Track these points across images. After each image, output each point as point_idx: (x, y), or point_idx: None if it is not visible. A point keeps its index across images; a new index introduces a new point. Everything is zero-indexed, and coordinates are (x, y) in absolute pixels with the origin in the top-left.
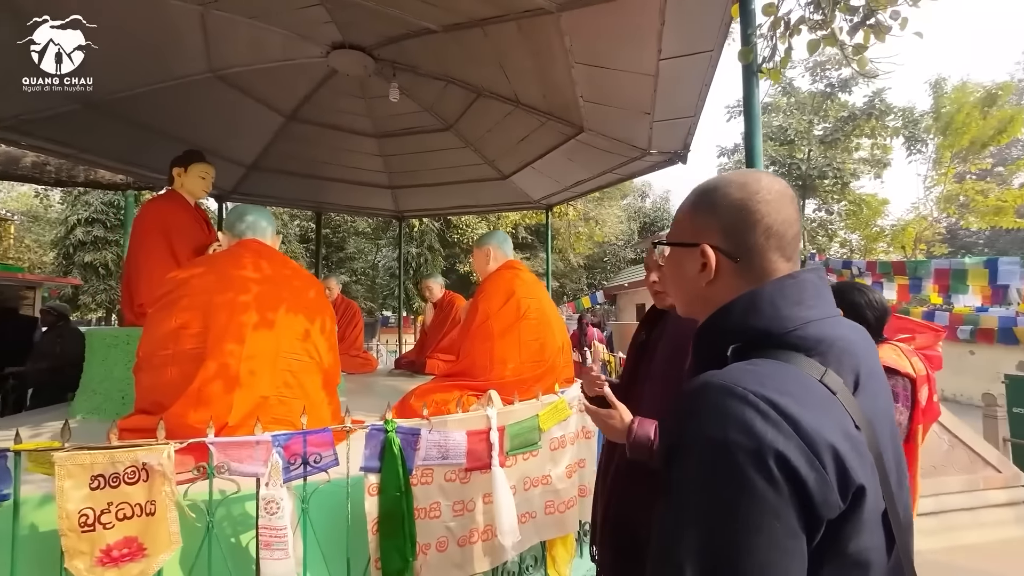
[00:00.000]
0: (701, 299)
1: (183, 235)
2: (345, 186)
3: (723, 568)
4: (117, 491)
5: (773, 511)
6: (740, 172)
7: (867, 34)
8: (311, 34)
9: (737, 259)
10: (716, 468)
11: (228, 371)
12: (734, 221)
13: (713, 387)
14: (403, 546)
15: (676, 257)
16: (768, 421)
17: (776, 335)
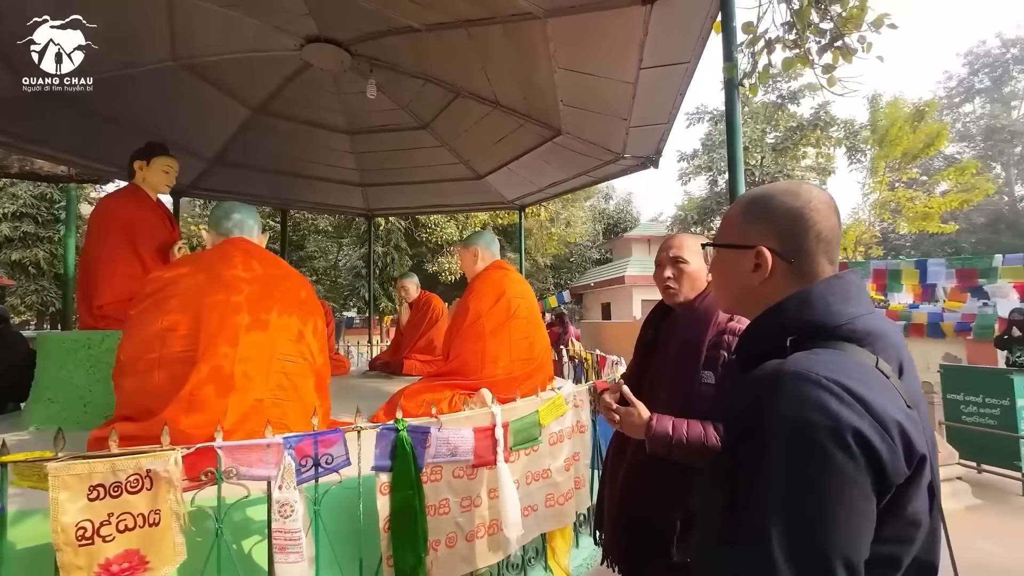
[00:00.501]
0: (751, 297)
1: (146, 232)
2: (314, 183)
3: (812, 535)
4: (118, 501)
5: (852, 481)
6: (791, 183)
7: (835, 55)
8: (286, 26)
9: (791, 261)
10: (800, 447)
11: (222, 374)
12: (790, 227)
13: (787, 374)
14: (416, 543)
15: (728, 258)
16: (842, 402)
17: (829, 328)
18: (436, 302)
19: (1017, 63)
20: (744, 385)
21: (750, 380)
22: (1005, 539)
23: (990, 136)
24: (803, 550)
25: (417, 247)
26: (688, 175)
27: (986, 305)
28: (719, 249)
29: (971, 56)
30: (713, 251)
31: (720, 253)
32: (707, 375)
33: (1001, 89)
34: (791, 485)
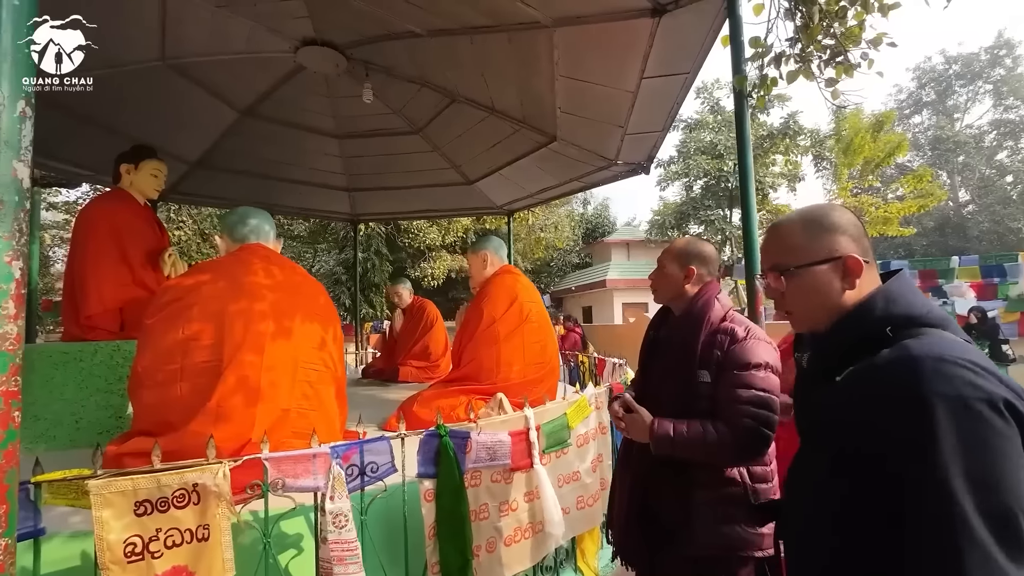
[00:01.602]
0: (835, 307)
1: (134, 238)
2: (299, 187)
3: (994, 489)
4: (166, 516)
5: (1011, 441)
6: (824, 204)
7: (839, 70)
8: (282, 28)
9: (867, 261)
10: (964, 416)
11: (248, 384)
12: (857, 232)
13: (923, 358)
14: (463, 547)
15: (814, 278)
16: (983, 376)
17: (916, 318)
18: (430, 307)
19: (958, 78)
20: (873, 378)
21: (878, 373)
22: None
23: (937, 146)
24: (991, 503)
25: (397, 252)
26: (665, 181)
27: (945, 304)
28: (798, 274)
29: (918, 71)
30: (783, 279)
31: (801, 277)
32: (703, 374)
33: (945, 102)
34: (967, 449)
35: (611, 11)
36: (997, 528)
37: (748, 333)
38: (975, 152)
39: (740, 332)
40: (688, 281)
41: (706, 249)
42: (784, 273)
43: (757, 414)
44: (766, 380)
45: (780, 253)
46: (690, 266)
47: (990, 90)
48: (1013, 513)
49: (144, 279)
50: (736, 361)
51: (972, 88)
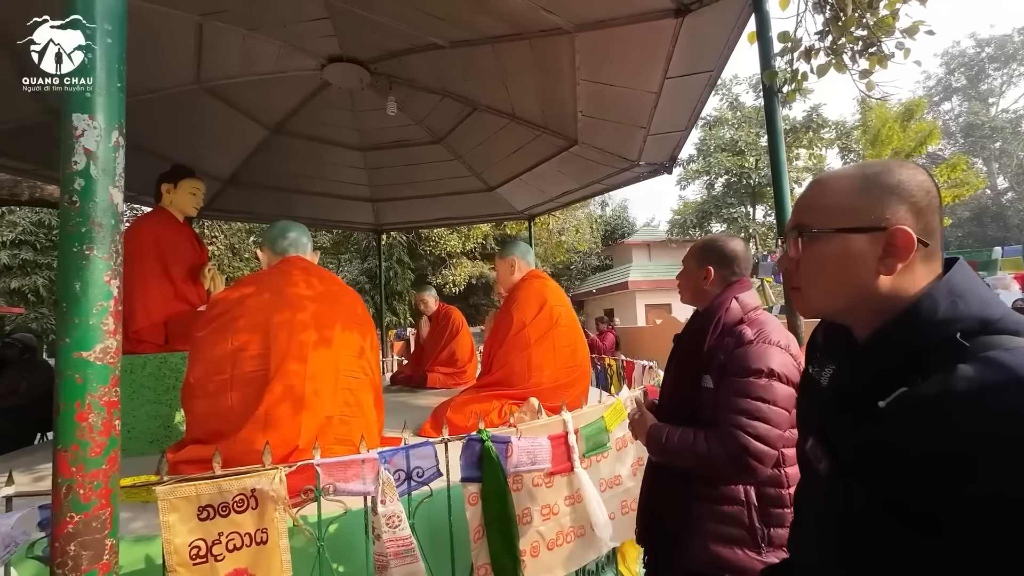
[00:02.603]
0: (873, 293)
1: (176, 255)
2: (324, 200)
3: None
4: (228, 520)
5: None
6: (893, 159)
7: (872, 61)
8: (309, 47)
9: (928, 243)
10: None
11: (294, 392)
12: (924, 202)
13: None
14: (512, 547)
15: (838, 246)
16: None
17: (992, 321)
18: (456, 314)
19: (992, 61)
20: (943, 409)
21: (952, 401)
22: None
23: (970, 132)
24: None
25: (418, 260)
26: (685, 180)
27: None
28: (820, 239)
29: (947, 56)
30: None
31: (824, 243)
32: (707, 379)
33: (978, 87)
34: None
35: (634, 13)
36: None
37: (759, 336)
38: (1012, 137)
39: (749, 335)
40: (707, 281)
41: (728, 247)
42: (804, 235)
43: (749, 426)
44: (767, 389)
45: (810, 210)
46: (708, 266)
47: None
48: None
49: (186, 294)
50: (737, 366)
51: (1007, 71)
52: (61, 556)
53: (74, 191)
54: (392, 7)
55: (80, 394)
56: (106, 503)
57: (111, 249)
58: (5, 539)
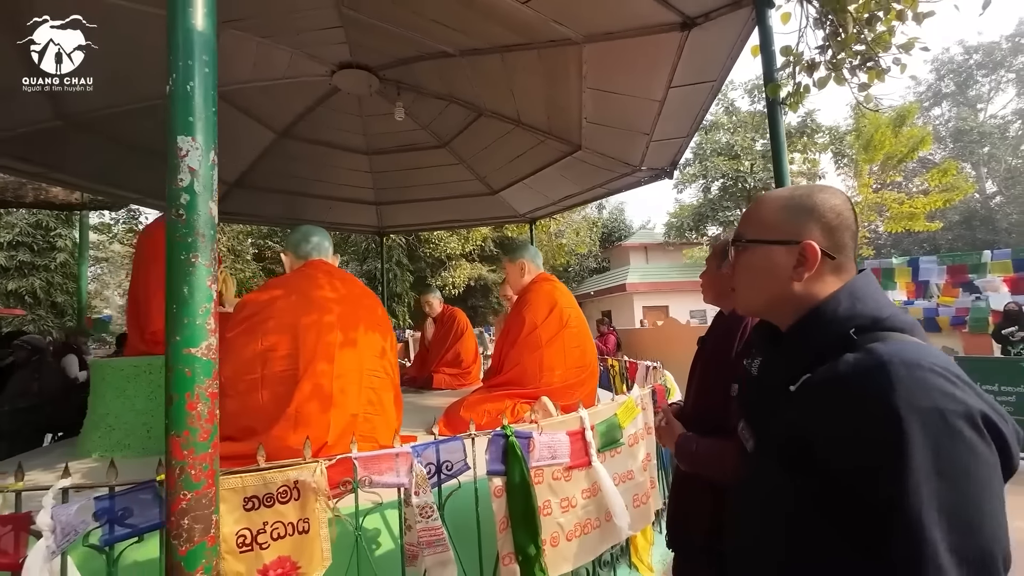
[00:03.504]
0: (786, 297)
1: None
2: (329, 202)
3: (972, 528)
4: (272, 510)
5: (993, 466)
6: (819, 184)
7: (871, 75)
8: (320, 53)
9: (834, 256)
10: (940, 435)
11: (322, 391)
12: (835, 223)
13: (897, 364)
14: (536, 537)
15: (763, 255)
16: (958, 387)
17: (881, 320)
18: (460, 316)
19: (980, 68)
20: (836, 386)
21: (842, 380)
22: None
23: (960, 137)
24: (968, 545)
25: (417, 262)
26: (682, 184)
27: (979, 299)
28: (749, 248)
29: (937, 63)
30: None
31: (751, 252)
32: (735, 388)
33: (966, 93)
34: (945, 476)
35: (641, 26)
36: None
37: None
38: (1000, 143)
39: None
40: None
41: None
42: (739, 245)
43: None
44: None
45: (746, 224)
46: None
47: (1013, 79)
48: (992, 558)
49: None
50: None
51: (995, 77)
52: (176, 529)
53: (180, 205)
54: (406, 18)
55: (190, 386)
56: (211, 483)
57: (211, 257)
58: (66, 528)
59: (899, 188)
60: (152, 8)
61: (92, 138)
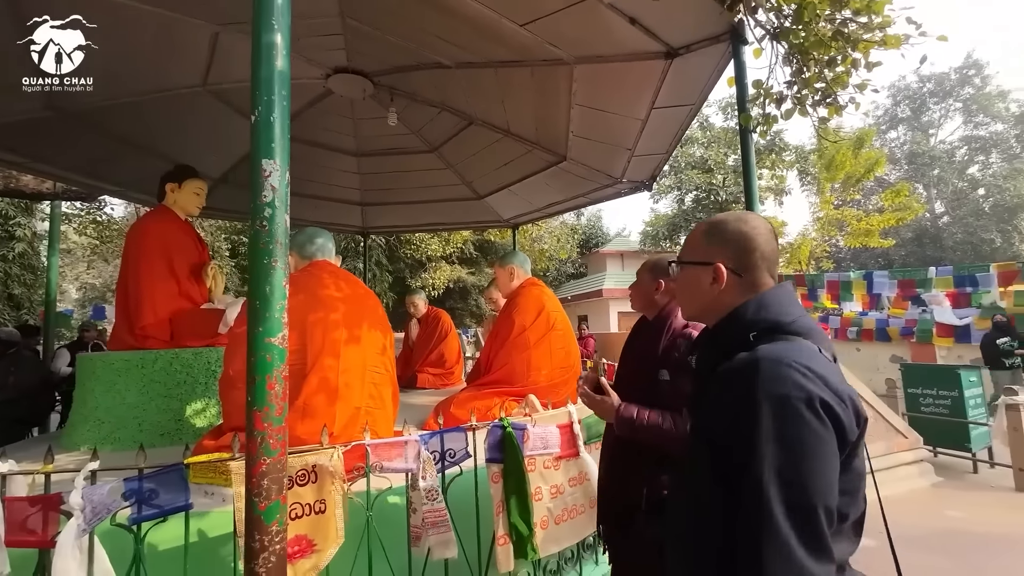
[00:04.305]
0: (711, 306)
1: (181, 253)
2: (314, 202)
3: (800, 484)
4: (291, 492)
5: (824, 439)
6: (740, 212)
7: (830, 110)
8: (317, 57)
9: (741, 275)
10: (785, 414)
11: (329, 385)
12: (740, 248)
13: (766, 360)
14: (528, 519)
15: (692, 273)
16: (809, 379)
17: (783, 325)
18: (445, 317)
19: (932, 96)
20: (724, 377)
21: (727, 373)
22: (967, 508)
23: (913, 160)
24: (795, 501)
25: (397, 263)
26: (658, 194)
27: (924, 312)
28: (684, 266)
29: (894, 89)
30: (679, 268)
31: (685, 270)
32: (663, 373)
33: (920, 119)
34: (782, 446)
35: (630, 53)
36: (799, 523)
37: None
38: (948, 166)
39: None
40: (658, 292)
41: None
42: (678, 264)
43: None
44: None
45: (684, 247)
46: (660, 279)
47: (960, 108)
48: (816, 510)
49: (190, 292)
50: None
51: (944, 105)
52: (257, 489)
53: (264, 218)
54: (408, 32)
55: (269, 369)
56: (283, 452)
57: (286, 261)
58: (97, 507)
59: (858, 206)
60: (146, 6)
61: (78, 130)
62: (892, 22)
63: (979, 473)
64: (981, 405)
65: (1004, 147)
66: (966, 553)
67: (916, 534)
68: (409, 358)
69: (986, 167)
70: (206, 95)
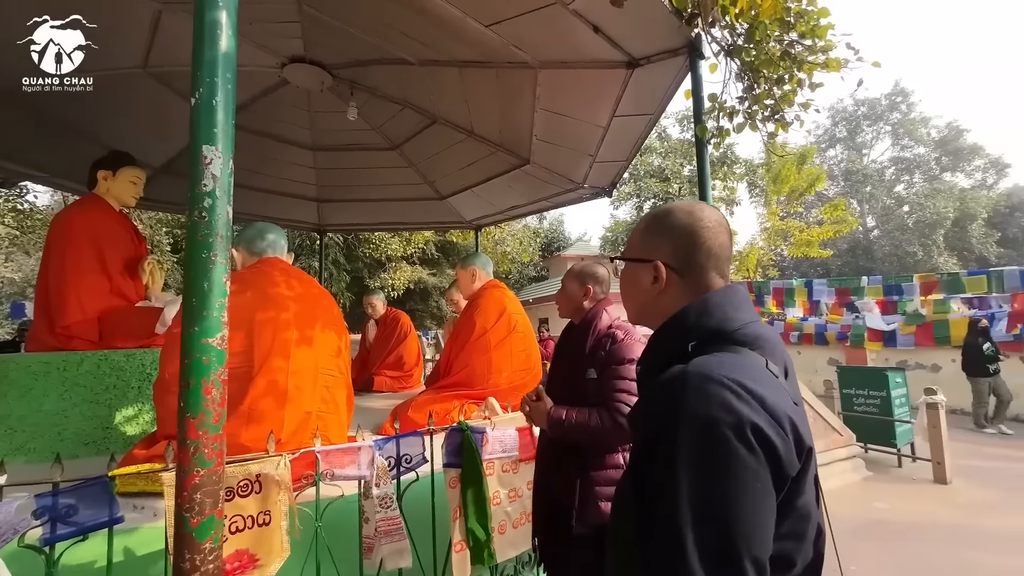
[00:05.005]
0: (652, 308)
1: (113, 246)
2: (266, 196)
3: (722, 527)
4: (231, 504)
5: (755, 474)
6: (688, 203)
7: (777, 126)
8: (271, 45)
9: (683, 275)
10: (707, 439)
11: (277, 387)
12: (683, 244)
13: (693, 375)
14: (486, 524)
15: (632, 271)
16: (742, 400)
17: (726, 333)
18: (404, 319)
19: (865, 119)
20: (652, 390)
21: (656, 385)
22: (892, 499)
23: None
24: (714, 547)
25: (355, 262)
26: (618, 201)
27: (858, 318)
28: (625, 264)
29: (832, 110)
30: (621, 266)
31: (626, 268)
32: (591, 371)
33: (855, 139)
34: (700, 480)
35: (593, 60)
36: (714, 570)
37: (627, 336)
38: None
39: (620, 335)
40: (586, 298)
41: (600, 271)
42: (617, 262)
43: (628, 400)
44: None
45: (627, 244)
46: (588, 285)
47: (889, 131)
48: (737, 555)
49: (123, 288)
50: (615, 357)
51: (876, 128)
52: (188, 503)
53: (203, 208)
54: (370, 25)
55: (206, 372)
56: (220, 462)
57: (227, 255)
58: (2, 527)
59: (801, 218)
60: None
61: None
62: (834, 46)
63: (903, 467)
64: (905, 404)
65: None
66: (891, 540)
67: (850, 525)
68: (366, 360)
69: (910, 186)
70: (147, 78)
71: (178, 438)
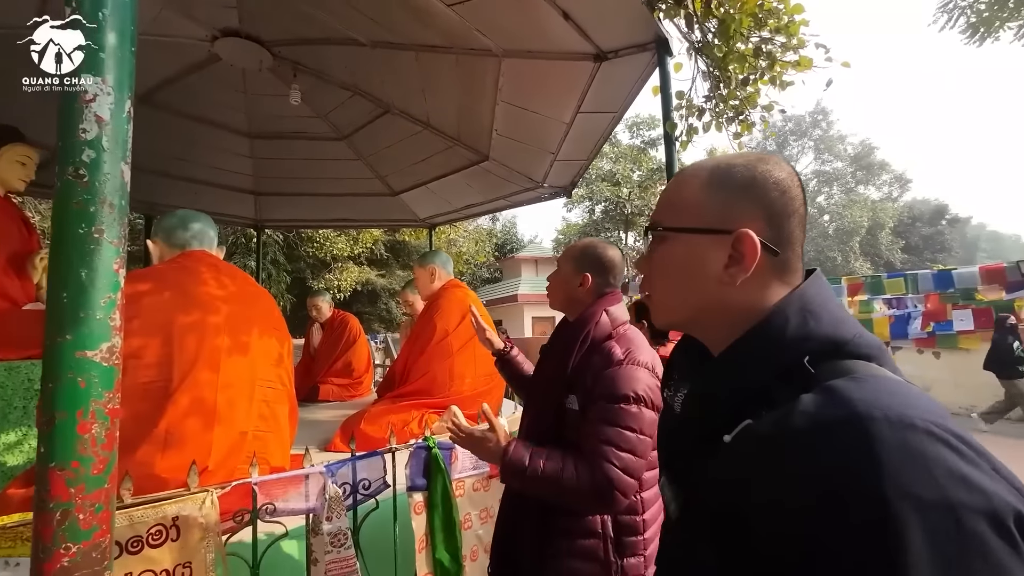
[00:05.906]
0: (716, 306)
1: None
2: (195, 186)
3: None
4: (138, 558)
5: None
6: (754, 153)
7: (742, 127)
8: (198, 14)
9: (778, 252)
10: (948, 541)
11: (204, 405)
12: (781, 206)
13: (879, 420)
14: (456, 553)
15: (688, 249)
16: (976, 466)
17: (844, 343)
18: (353, 322)
19: (792, 134)
20: (780, 452)
21: (789, 442)
22: None
23: None
24: None
25: (296, 262)
26: (571, 203)
27: None
28: (667, 239)
29: None
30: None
31: (669, 244)
32: (571, 400)
33: (784, 152)
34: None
35: (560, 51)
36: None
37: (627, 356)
38: None
39: (618, 354)
40: (582, 289)
41: (607, 255)
42: (654, 234)
43: (617, 457)
44: (636, 417)
45: (663, 207)
46: (585, 272)
47: (812, 146)
48: None
49: (8, 288)
50: (606, 390)
51: (801, 143)
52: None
53: (82, 163)
54: None
55: (84, 401)
56: (106, 528)
57: (121, 233)
58: None
59: None
60: None
61: None
62: (806, 44)
63: None
64: None
65: (843, 181)
66: None
67: None
68: (311, 367)
69: (830, 197)
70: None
71: (35, 501)
